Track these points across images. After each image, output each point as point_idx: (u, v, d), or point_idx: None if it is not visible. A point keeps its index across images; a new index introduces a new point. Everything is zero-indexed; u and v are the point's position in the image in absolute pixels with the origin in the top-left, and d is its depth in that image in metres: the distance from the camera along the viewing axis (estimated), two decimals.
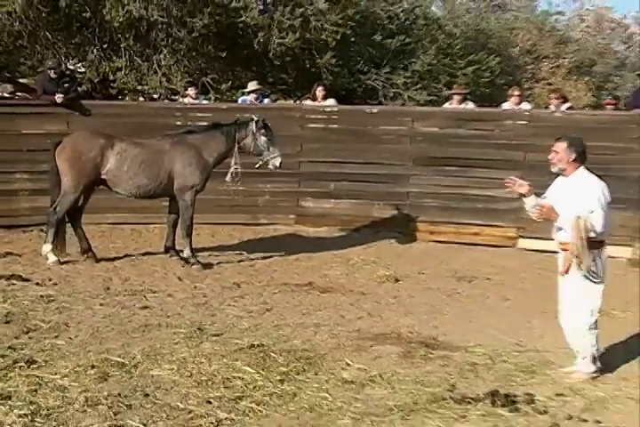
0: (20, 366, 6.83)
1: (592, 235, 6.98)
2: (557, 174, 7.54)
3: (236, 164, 11.44)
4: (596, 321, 7.29)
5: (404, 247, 13.20)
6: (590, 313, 7.21)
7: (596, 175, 7.29)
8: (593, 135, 12.64)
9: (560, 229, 7.22)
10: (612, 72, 31.26)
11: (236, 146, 11.36)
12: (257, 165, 11.50)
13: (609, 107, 15.49)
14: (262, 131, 11.39)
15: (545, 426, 6.07)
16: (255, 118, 11.47)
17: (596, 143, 12.56)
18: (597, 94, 28.01)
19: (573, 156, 7.23)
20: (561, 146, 7.29)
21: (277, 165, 11.49)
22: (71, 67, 17.82)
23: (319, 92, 14.66)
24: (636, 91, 15.22)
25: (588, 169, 7.31)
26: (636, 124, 12.85)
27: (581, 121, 13.59)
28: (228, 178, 11.48)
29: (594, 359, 7.26)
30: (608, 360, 7.64)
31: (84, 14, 16.10)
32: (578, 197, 7.09)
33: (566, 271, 7.24)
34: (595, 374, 7.23)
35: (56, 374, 6.72)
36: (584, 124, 13.27)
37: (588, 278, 7.17)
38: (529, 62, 28.38)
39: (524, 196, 7.39)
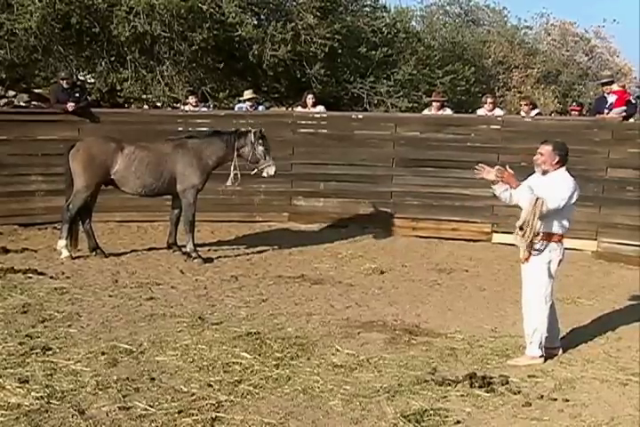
0: (37, 353, 6.83)
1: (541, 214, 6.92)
2: (528, 173, 7.51)
3: (235, 169, 11.42)
4: (550, 309, 7.29)
5: (388, 242, 13.19)
6: (543, 300, 7.22)
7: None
8: (560, 139, 12.64)
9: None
10: (575, 81, 31.22)
11: (236, 153, 11.34)
12: (253, 172, 11.48)
13: (574, 113, 15.53)
14: (260, 141, 11.37)
15: (518, 405, 6.07)
16: (254, 130, 11.44)
17: None
18: (563, 101, 27.98)
19: (557, 158, 7.18)
20: (546, 149, 7.21)
21: (272, 173, 11.46)
22: (82, 78, 17.78)
23: (309, 99, 14.63)
24: (597, 98, 15.20)
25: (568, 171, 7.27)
26: (599, 128, 12.84)
27: (549, 126, 13.60)
28: (228, 182, 11.45)
29: (540, 344, 7.22)
30: (575, 344, 7.67)
31: (93, 30, 16.07)
32: (551, 188, 7.04)
33: (526, 259, 7.23)
34: (539, 360, 7.19)
35: (70, 359, 6.72)
36: (551, 128, 13.28)
37: (554, 248, 7.15)
38: (501, 72, 28.35)
39: (493, 183, 7.30)
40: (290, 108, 18.43)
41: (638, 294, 9.96)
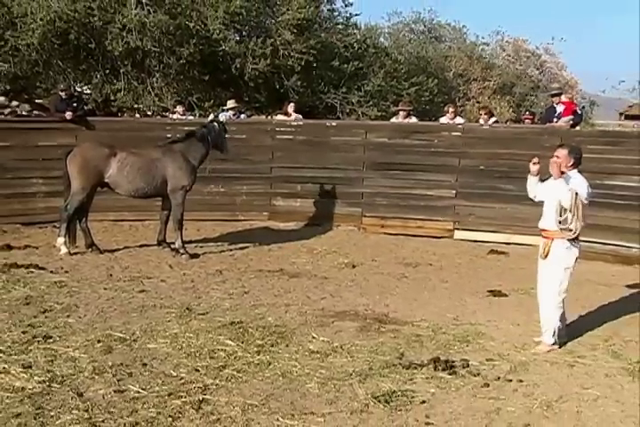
0: (39, 341, 6.82)
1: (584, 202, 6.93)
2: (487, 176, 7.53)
3: (208, 161, 11.72)
4: (563, 300, 7.27)
5: (359, 239, 13.22)
6: (558, 293, 7.20)
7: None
8: (514, 144, 12.78)
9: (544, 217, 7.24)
10: (528, 92, 31.43)
11: (211, 146, 11.47)
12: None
13: (527, 121, 15.59)
14: (223, 128, 11.68)
15: (478, 386, 6.14)
16: (212, 118, 12.05)
17: (517, 151, 12.70)
18: (517, 111, 28.15)
19: (572, 161, 7.14)
20: (562, 152, 7.17)
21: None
22: (79, 89, 17.66)
23: (290, 108, 14.70)
24: (547, 108, 15.30)
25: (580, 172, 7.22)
26: (549, 135, 12.90)
27: (505, 133, 13.73)
28: (207, 173, 11.98)
29: (554, 333, 7.24)
30: (529, 331, 7.71)
31: (89, 45, 15.98)
32: (571, 185, 6.97)
33: (546, 256, 7.20)
34: (554, 346, 7.23)
35: (69, 347, 6.70)
36: (507, 135, 13.40)
37: (572, 245, 7.10)
38: (461, 84, 28.48)
39: (532, 174, 7.40)
40: (270, 117, 18.41)
41: (593, 286, 10.00)
